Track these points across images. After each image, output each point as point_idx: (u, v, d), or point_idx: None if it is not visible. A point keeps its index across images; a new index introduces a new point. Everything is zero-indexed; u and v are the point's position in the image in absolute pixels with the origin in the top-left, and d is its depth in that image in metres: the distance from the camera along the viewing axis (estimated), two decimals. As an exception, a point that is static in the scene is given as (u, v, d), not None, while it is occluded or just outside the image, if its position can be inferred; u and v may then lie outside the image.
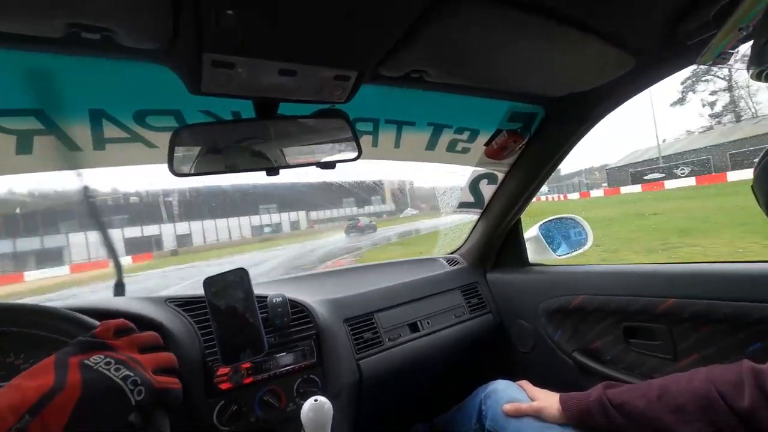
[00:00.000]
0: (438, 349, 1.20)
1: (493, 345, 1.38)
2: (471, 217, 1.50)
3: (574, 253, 1.40)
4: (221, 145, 0.73)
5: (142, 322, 0.80)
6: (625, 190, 22.37)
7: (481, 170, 1.30)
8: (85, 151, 0.76)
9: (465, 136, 1.13)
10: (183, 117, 0.77)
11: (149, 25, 0.51)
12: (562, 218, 1.46)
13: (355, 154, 0.79)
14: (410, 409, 1.34)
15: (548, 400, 0.85)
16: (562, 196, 28.81)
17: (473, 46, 0.68)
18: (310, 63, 0.62)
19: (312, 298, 1.07)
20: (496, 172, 1.28)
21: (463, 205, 1.42)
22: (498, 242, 1.43)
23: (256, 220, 23.09)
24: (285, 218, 24.29)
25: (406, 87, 0.83)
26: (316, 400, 0.69)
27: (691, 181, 18.72)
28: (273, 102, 0.72)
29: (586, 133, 1.07)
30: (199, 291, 0.91)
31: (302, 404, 0.89)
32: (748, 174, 0.93)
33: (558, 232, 1.44)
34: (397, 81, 0.77)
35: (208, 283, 0.86)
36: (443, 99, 0.96)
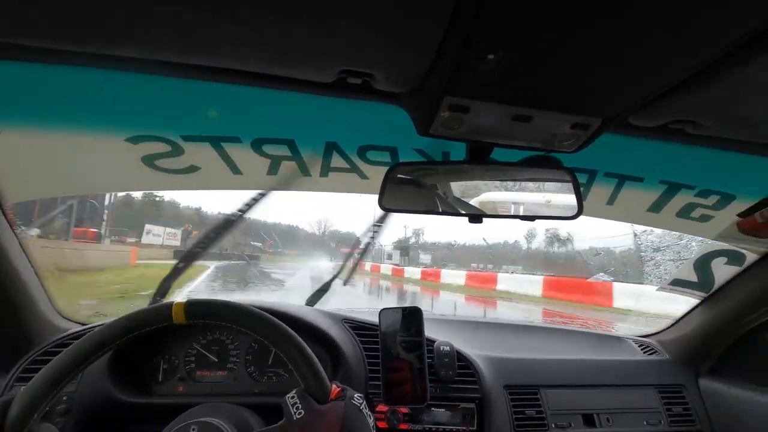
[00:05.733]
0: None
1: None
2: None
3: None
4: (429, 185, 0.73)
5: (324, 340, 0.86)
6: None
7: (719, 246, 0.99)
8: (312, 176, 0.87)
9: (711, 200, 0.87)
10: (398, 154, 0.81)
11: (405, 71, 0.53)
12: None
13: (573, 211, 0.67)
14: None
15: None
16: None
17: None
18: (551, 108, 0.55)
19: (473, 351, 0.99)
20: (743, 251, 0.96)
21: (679, 284, 1.12)
22: (727, 341, 1.07)
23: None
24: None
25: (655, 139, 0.67)
26: None
27: None
28: (489, 146, 0.68)
29: None
30: (373, 318, 0.94)
31: None
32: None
33: None
34: (647, 132, 0.63)
35: (384, 314, 0.87)
36: (689, 154, 0.76)
